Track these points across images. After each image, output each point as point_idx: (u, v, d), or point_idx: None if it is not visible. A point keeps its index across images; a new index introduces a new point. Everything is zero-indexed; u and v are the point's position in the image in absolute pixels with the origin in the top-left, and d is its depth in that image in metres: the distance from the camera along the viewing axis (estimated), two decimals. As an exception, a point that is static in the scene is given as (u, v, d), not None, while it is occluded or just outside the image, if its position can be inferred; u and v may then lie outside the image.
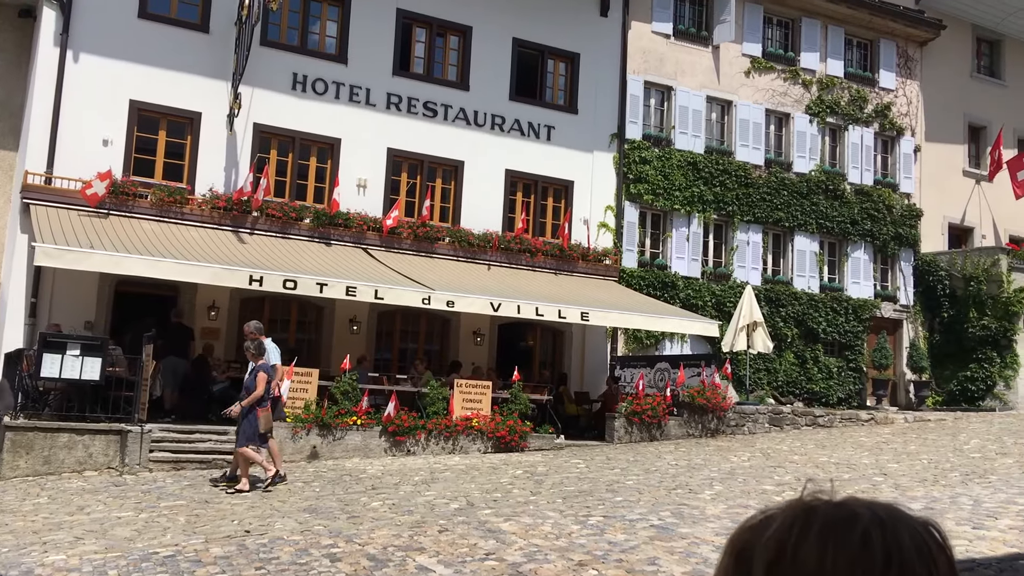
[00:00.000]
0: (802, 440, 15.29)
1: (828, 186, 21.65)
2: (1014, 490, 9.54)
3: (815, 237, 21.48)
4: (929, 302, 22.34)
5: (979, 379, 20.86)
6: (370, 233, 16.70)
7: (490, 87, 18.29)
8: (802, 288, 21.10)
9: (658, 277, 19.47)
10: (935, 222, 23.18)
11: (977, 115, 24.26)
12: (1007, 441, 14.36)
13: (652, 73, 20.06)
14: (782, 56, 21.69)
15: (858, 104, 22.37)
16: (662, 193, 19.70)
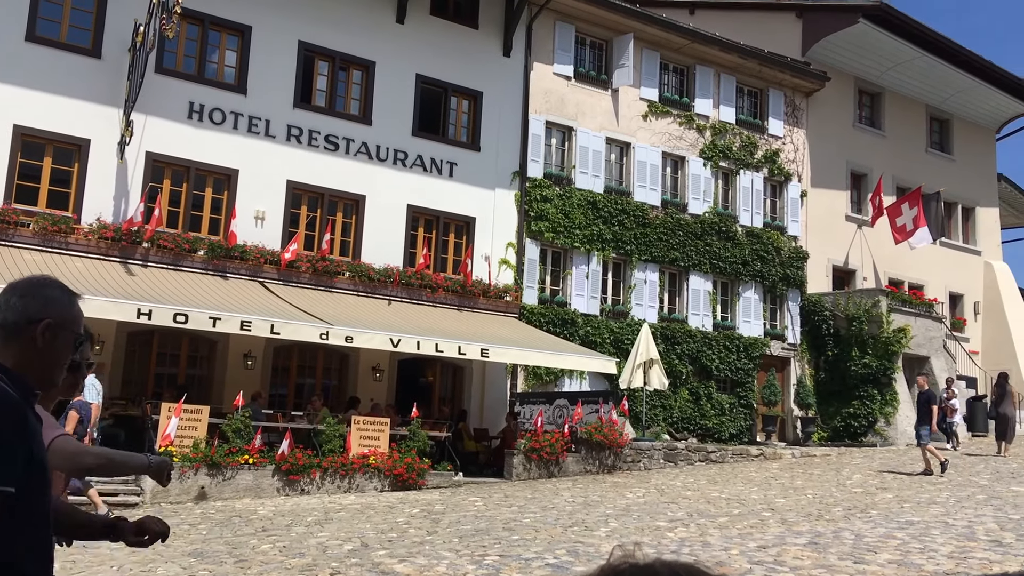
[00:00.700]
0: (695, 476, 15.61)
1: (721, 228, 22.40)
2: (893, 524, 9.94)
3: (709, 277, 22.14)
4: (815, 341, 23.26)
5: (861, 415, 21.76)
6: (267, 266, 16.38)
7: (393, 122, 18.29)
8: (696, 326, 21.67)
9: (558, 314, 19.69)
10: (820, 264, 24.21)
11: (859, 163, 25.57)
12: (887, 476, 15.00)
13: (554, 113, 20.44)
14: (678, 101, 22.43)
15: (749, 150, 23.29)
16: (562, 231, 20.00)
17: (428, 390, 19.11)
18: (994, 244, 29.22)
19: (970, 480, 14.17)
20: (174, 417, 12.68)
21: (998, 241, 29.60)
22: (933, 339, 23.33)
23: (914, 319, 22.74)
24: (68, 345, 2.08)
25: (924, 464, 15.12)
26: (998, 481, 14.03)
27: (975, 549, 8.44)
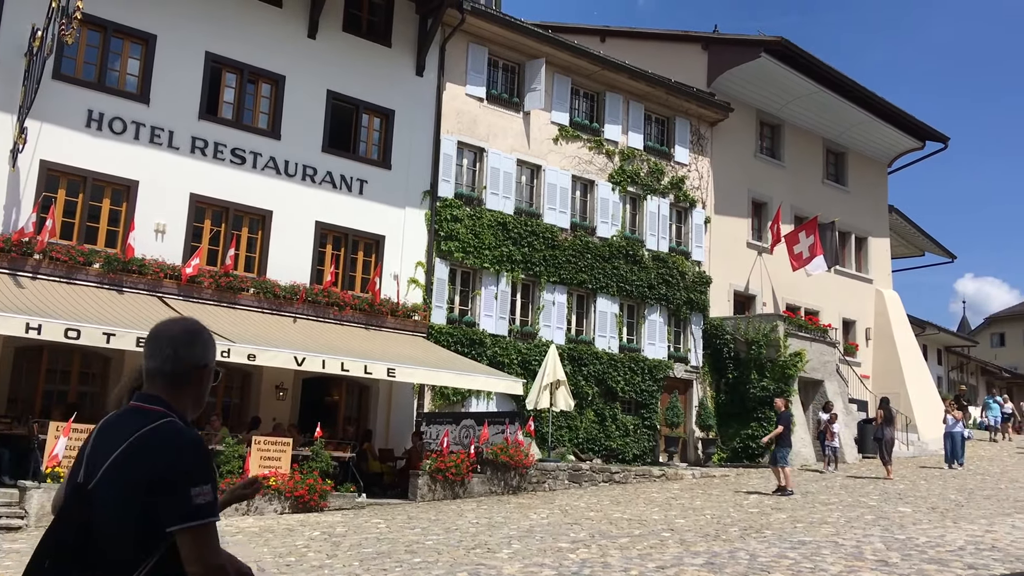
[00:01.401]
0: (599, 496, 15.77)
1: (628, 251, 22.82)
2: (786, 544, 10.25)
3: (615, 299, 22.51)
4: (716, 364, 23.86)
5: (759, 437, 22.35)
6: (167, 281, 15.91)
7: (302, 137, 18.06)
8: (603, 348, 21.98)
9: (466, 334, 19.69)
10: (723, 289, 24.91)
11: (760, 192, 26.47)
12: (782, 496, 15.46)
13: (466, 134, 20.53)
14: (588, 126, 22.83)
15: (656, 176, 23.85)
16: (472, 251, 20.06)
17: (333, 410, 18.83)
18: (885, 273, 30.59)
19: (860, 501, 14.73)
20: (63, 437, 12.13)
21: (888, 270, 31.00)
22: (827, 363, 24.23)
23: (810, 344, 23.58)
24: (211, 380, 2.48)
25: (781, 482, 15.81)
26: (886, 502, 14.62)
27: (863, 569, 8.76)
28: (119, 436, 2.27)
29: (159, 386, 2.38)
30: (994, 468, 20.89)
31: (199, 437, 2.31)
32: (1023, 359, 62.40)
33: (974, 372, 49.73)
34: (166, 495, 2.17)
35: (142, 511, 2.17)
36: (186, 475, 2.19)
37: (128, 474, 2.20)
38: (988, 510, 13.55)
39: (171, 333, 2.43)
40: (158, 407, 2.33)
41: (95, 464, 2.27)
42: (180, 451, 2.23)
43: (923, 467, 21.32)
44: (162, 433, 2.25)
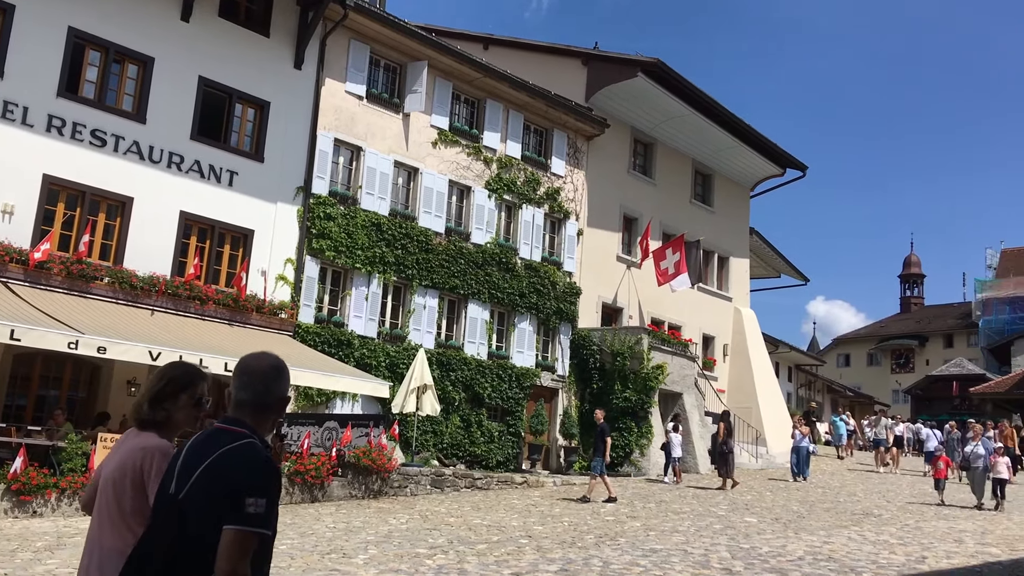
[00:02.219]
0: (460, 502, 15.79)
1: (502, 259, 22.99)
2: (638, 552, 10.52)
3: (487, 306, 22.61)
4: (582, 374, 24.33)
5: (619, 446, 22.94)
6: (13, 266, 14.93)
7: (170, 123, 17.35)
8: (472, 354, 22.04)
9: (334, 335, 19.35)
10: (592, 300, 25.44)
11: (631, 207, 27.20)
12: (637, 505, 15.88)
13: (343, 131, 20.21)
14: (467, 132, 22.89)
15: (532, 186, 24.14)
16: (344, 251, 19.74)
17: (189, 408, 18.10)
18: (744, 292, 31.98)
19: (710, 511, 15.29)
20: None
21: (747, 290, 32.43)
22: (687, 376, 25.09)
23: (671, 357, 24.36)
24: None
25: (606, 490, 16.21)
26: (734, 512, 15.24)
27: None
28: (206, 453, 2.68)
29: (247, 413, 2.83)
30: (835, 482, 22.12)
31: (271, 458, 2.73)
32: (865, 379, 66.49)
33: (821, 390, 52.57)
34: (234, 495, 2.56)
35: (222, 512, 2.55)
36: (248, 486, 2.57)
37: (210, 486, 2.61)
38: (827, 522, 14.32)
39: (262, 369, 2.89)
40: (243, 430, 2.77)
41: (185, 477, 2.68)
42: (251, 466, 2.62)
43: (771, 479, 22.35)
44: (242, 451, 2.67)
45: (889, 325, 71.41)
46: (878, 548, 11.68)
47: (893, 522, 14.69)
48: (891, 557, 11.01)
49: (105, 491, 3.19)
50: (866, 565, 10.32)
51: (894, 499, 18.41)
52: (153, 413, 3.26)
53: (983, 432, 19.14)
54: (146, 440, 3.22)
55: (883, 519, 15.06)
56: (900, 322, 70.91)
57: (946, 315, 68.12)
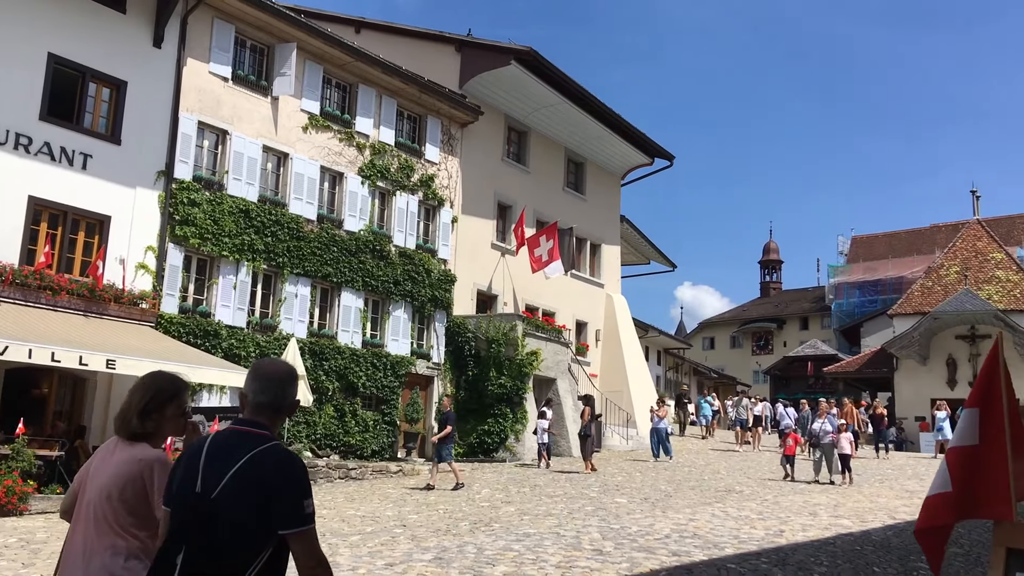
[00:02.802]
0: (334, 494, 15.55)
1: (375, 246, 22.71)
2: (512, 537, 10.63)
3: (361, 294, 22.31)
4: (457, 361, 24.36)
5: (495, 432, 23.14)
6: None
7: (15, 103, 16.24)
8: (346, 343, 21.71)
9: (200, 325, 18.66)
10: (467, 288, 25.48)
11: (505, 195, 27.35)
12: (512, 490, 16.05)
13: (208, 114, 19.46)
14: (339, 117, 22.45)
15: (406, 172, 23.93)
16: (211, 238, 19.04)
17: (41, 404, 17.11)
18: (615, 279, 32.74)
19: (582, 493, 15.61)
20: None
21: (618, 276, 33.21)
22: (560, 362, 25.50)
23: (545, 343, 24.70)
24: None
25: (458, 480, 16.40)
26: (605, 493, 15.61)
27: (580, 558, 9.27)
28: (235, 453, 2.85)
29: (265, 415, 3.02)
30: (700, 461, 22.99)
31: (300, 457, 2.91)
32: (729, 361, 69.36)
33: (688, 372, 54.52)
34: (281, 503, 2.77)
35: (259, 514, 2.76)
36: (300, 489, 2.82)
37: (249, 484, 2.78)
38: (693, 500, 14.86)
39: (279, 375, 3.09)
40: (264, 431, 2.95)
41: (212, 476, 2.83)
42: (293, 468, 2.84)
43: (638, 460, 23.02)
44: (277, 453, 2.88)
45: (750, 309, 74.70)
46: (739, 523, 12.21)
47: (754, 498, 15.38)
48: (751, 531, 11.52)
49: (100, 499, 3.33)
50: (728, 540, 10.76)
51: (754, 475, 19.27)
52: (143, 425, 3.43)
53: (829, 410, 20.18)
54: (142, 452, 3.38)
55: (744, 495, 15.75)
56: (760, 306, 74.28)
57: (802, 299, 71.80)
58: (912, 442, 32.64)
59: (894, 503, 15.15)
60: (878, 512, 13.94)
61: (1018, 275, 36.59)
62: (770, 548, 10.40)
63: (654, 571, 8.76)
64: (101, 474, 3.38)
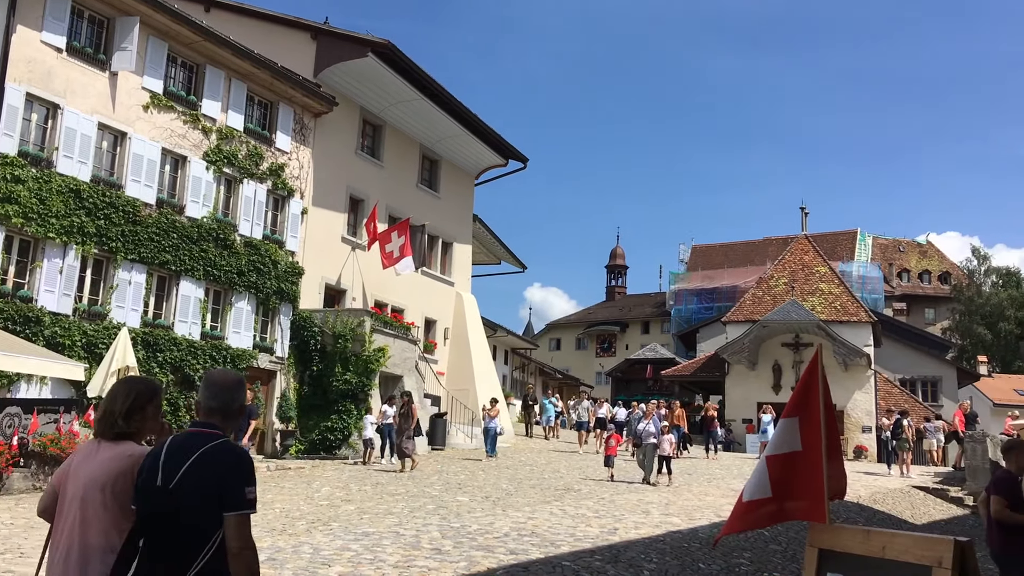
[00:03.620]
0: (163, 492, 14.85)
1: (219, 235, 21.85)
2: (350, 536, 10.47)
3: (201, 284, 21.41)
4: (302, 356, 23.79)
5: (338, 429, 22.75)
6: None
7: None
8: (183, 334, 20.78)
9: (20, 310, 17.38)
10: (314, 281, 24.92)
11: (358, 188, 26.95)
12: (353, 488, 15.82)
13: (37, 86, 18.15)
14: (184, 98, 21.46)
15: (254, 160, 23.15)
16: (36, 218, 17.77)
17: None
18: (466, 278, 32.88)
19: (424, 491, 15.58)
20: None
21: (469, 275, 33.37)
22: (408, 359, 25.37)
23: (393, 340, 24.50)
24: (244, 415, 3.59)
25: None
26: (447, 491, 15.64)
27: (418, 558, 9.24)
28: (190, 450, 3.30)
29: (216, 418, 3.48)
30: (542, 460, 23.43)
31: (247, 452, 3.36)
32: (574, 362, 71.05)
33: (534, 372, 55.40)
34: (228, 489, 3.20)
35: (211, 500, 3.19)
36: (243, 478, 3.26)
37: (203, 474, 3.23)
38: (533, 498, 15.11)
39: (228, 383, 3.58)
40: (217, 431, 3.41)
41: (171, 470, 3.28)
42: (239, 461, 3.32)
43: (473, 459, 23.21)
44: (225, 447, 3.34)
45: (596, 312, 76.79)
46: (576, 521, 12.52)
47: (591, 496, 15.81)
48: (587, 529, 11.83)
49: (92, 492, 3.57)
50: (565, 538, 11.01)
51: (592, 475, 19.80)
52: (128, 425, 3.71)
53: (655, 411, 20.92)
54: (131, 448, 3.67)
55: (582, 493, 16.17)
56: (605, 309, 76.51)
57: (644, 304, 74.46)
58: (739, 443, 34.42)
59: (720, 501, 15.92)
60: (705, 510, 14.62)
61: (839, 288, 39.25)
62: (604, 546, 10.71)
63: (491, 570, 8.84)
64: (89, 470, 3.63)
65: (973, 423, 26.13)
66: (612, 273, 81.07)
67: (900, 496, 20.07)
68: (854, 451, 34.58)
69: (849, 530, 4.20)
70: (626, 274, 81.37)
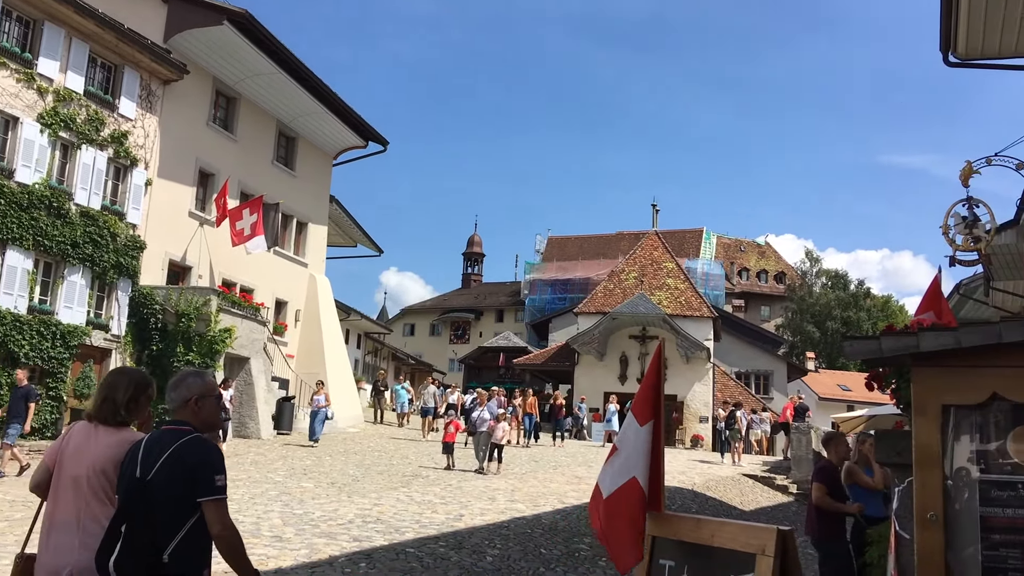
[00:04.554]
0: (-21, 476, 13.83)
1: (52, 203, 20.46)
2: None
3: (30, 254, 20.00)
4: (141, 334, 22.65)
5: (178, 411, 21.78)
6: None
7: None
8: (8, 307, 19.36)
9: None
10: (158, 256, 23.76)
11: (209, 162, 25.85)
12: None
13: None
14: (18, 55, 19.94)
15: (95, 125, 21.80)
16: None
17: None
18: (320, 259, 32.19)
19: (267, 477, 15.19)
20: None
21: (323, 257, 32.69)
22: (256, 341, 24.61)
23: (241, 320, 23.71)
24: (213, 405, 3.96)
25: (21, 462, 15.17)
26: (291, 477, 15.31)
27: (257, 545, 8.99)
28: (164, 445, 3.68)
29: (182, 414, 3.85)
30: (391, 447, 23.29)
31: (216, 445, 3.80)
32: (428, 348, 71.01)
33: (387, 357, 54.99)
34: (199, 479, 3.57)
35: (184, 488, 3.57)
36: (213, 468, 3.63)
37: (176, 467, 3.60)
38: (380, 484, 15.01)
39: (172, 383, 3.93)
40: (186, 427, 3.77)
41: (148, 463, 3.66)
42: (209, 452, 3.68)
43: (288, 445, 22.86)
44: (195, 442, 3.69)
45: (451, 299, 76.99)
46: (423, 508, 12.52)
47: (438, 482, 15.85)
48: (433, 516, 11.86)
49: (93, 474, 3.93)
50: (410, 525, 11.00)
51: (441, 462, 19.85)
52: (128, 415, 4.10)
53: (490, 398, 21.04)
54: (131, 435, 4.03)
55: (430, 480, 16.19)
56: (461, 296, 76.82)
57: (499, 292, 75.26)
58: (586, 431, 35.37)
59: (564, 488, 16.31)
60: (550, 497, 14.94)
61: (685, 284, 40.91)
62: (449, 532, 10.77)
63: (333, 557, 8.72)
64: (92, 454, 3.98)
65: (803, 416, 27.76)
66: (469, 261, 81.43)
67: (731, 484, 21.17)
68: (691, 440, 36.23)
69: (681, 518, 4.38)
70: (483, 262, 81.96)
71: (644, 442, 4.52)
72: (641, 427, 4.55)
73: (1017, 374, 3.65)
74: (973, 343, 3.66)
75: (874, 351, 3.90)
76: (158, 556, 3.54)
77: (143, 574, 3.57)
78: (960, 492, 3.73)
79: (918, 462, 3.77)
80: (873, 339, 3.91)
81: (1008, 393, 3.66)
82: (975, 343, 3.66)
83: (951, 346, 3.70)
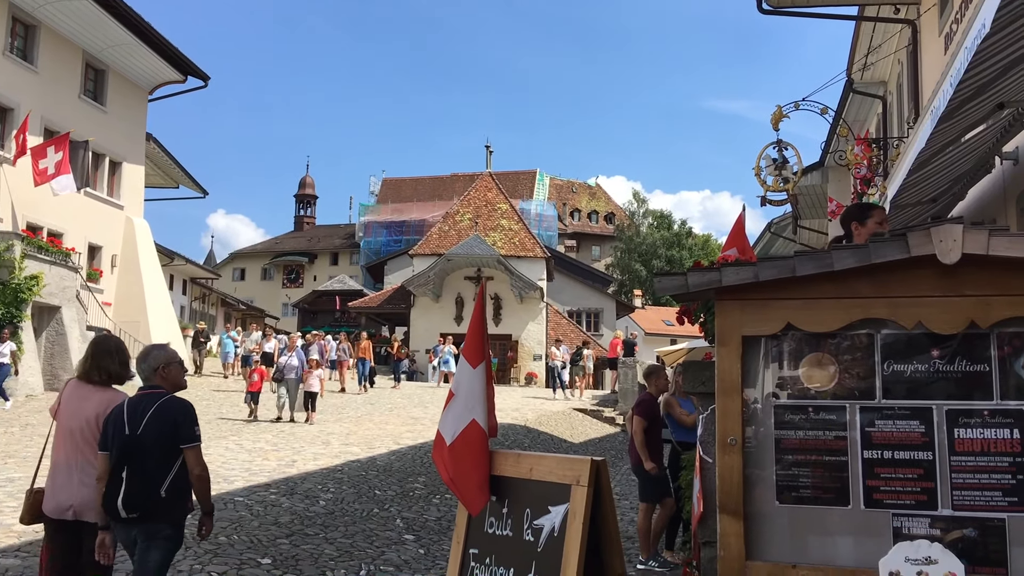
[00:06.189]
0: None
1: None
2: (-10, 484, 9.43)
3: None
4: (-67, 283, 20.70)
5: (-21, 366, 20.19)
6: None
7: None
8: None
9: None
10: (-51, 198, 21.65)
11: (7, 96, 23.65)
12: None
13: None
14: None
15: None
16: None
17: None
18: (137, 201, 30.35)
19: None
20: None
21: (142, 199, 30.84)
22: (67, 288, 23.06)
23: (49, 267, 22.11)
24: (178, 369, 4.89)
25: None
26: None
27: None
28: (147, 405, 4.62)
29: (153, 380, 4.79)
30: (219, 397, 22.56)
31: (190, 402, 4.77)
32: (259, 293, 68.92)
33: (216, 303, 52.97)
34: (180, 429, 4.58)
35: (169, 437, 4.56)
36: (190, 419, 4.65)
37: (160, 420, 4.57)
38: (207, 434, 14.52)
39: (139, 356, 4.88)
40: (159, 390, 4.75)
41: (135, 421, 4.57)
42: (185, 408, 4.68)
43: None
44: (172, 400, 4.71)
45: (284, 242, 74.79)
46: (253, 456, 12.27)
47: (270, 429, 15.55)
48: (264, 463, 11.65)
49: (89, 426, 4.79)
50: (240, 473, 10.76)
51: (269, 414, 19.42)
52: (121, 376, 4.99)
53: (298, 344, 19.92)
54: (118, 396, 4.84)
55: (261, 427, 15.85)
56: (294, 239, 74.75)
57: (334, 235, 73.77)
58: (422, 373, 35.56)
59: (400, 430, 16.40)
60: (385, 439, 14.98)
61: (519, 225, 41.48)
62: (280, 479, 10.62)
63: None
64: (88, 407, 4.84)
65: (632, 350, 28.87)
66: (301, 203, 79.09)
67: (562, 418, 21.95)
68: (525, 378, 37.18)
69: (503, 454, 4.49)
70: (315, 204, 79.78)
71: (480, 384, 4.56)
72: (474, 369, 4.58)
73: (807, 305, 3.92)
74: (770, 276, 3.89)
75: (681, 287, 4.08)
76: (157, 491, 4.48)
77: (147, 506, 4.46)
78: (762, 417, 3.99)
79: (720, 390, 4.00)
80: (680, 275, 4.09)
81: (800, 323, 3.93)
82: (771, 276, 3.89)
83: (750, 280, 3.92)
